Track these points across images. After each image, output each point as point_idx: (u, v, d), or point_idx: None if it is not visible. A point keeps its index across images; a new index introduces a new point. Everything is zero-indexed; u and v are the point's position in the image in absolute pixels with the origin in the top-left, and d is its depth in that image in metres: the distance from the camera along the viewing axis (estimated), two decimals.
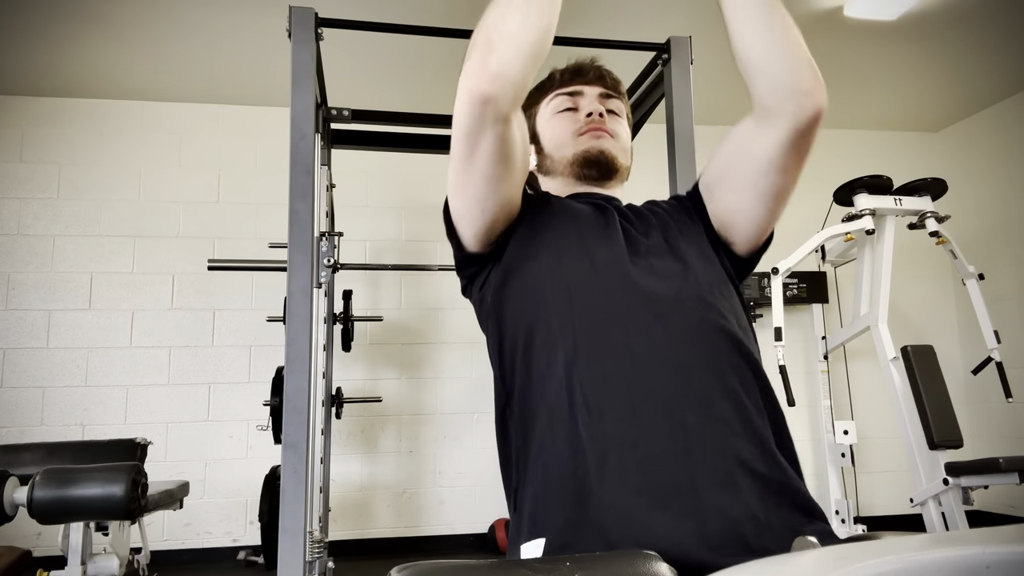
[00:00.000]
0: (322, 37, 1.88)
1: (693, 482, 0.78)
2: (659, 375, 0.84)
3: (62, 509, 1.90)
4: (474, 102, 0.87)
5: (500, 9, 0.89)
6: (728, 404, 0.84)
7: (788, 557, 0.51)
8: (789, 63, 0.91)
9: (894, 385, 3.22)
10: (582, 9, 3.19)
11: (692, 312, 0.90)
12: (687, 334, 0.87)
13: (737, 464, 0.81)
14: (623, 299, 0.90)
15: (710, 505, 0.77)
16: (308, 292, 1.74)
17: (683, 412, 0.82)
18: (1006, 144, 4.39)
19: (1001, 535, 0.47)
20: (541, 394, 0.88)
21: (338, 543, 3.63)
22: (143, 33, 3.36)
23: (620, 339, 0.87)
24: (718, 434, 0.82)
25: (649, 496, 0.78)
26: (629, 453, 0.80)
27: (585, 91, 1.13)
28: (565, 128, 1.12)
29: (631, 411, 0.82)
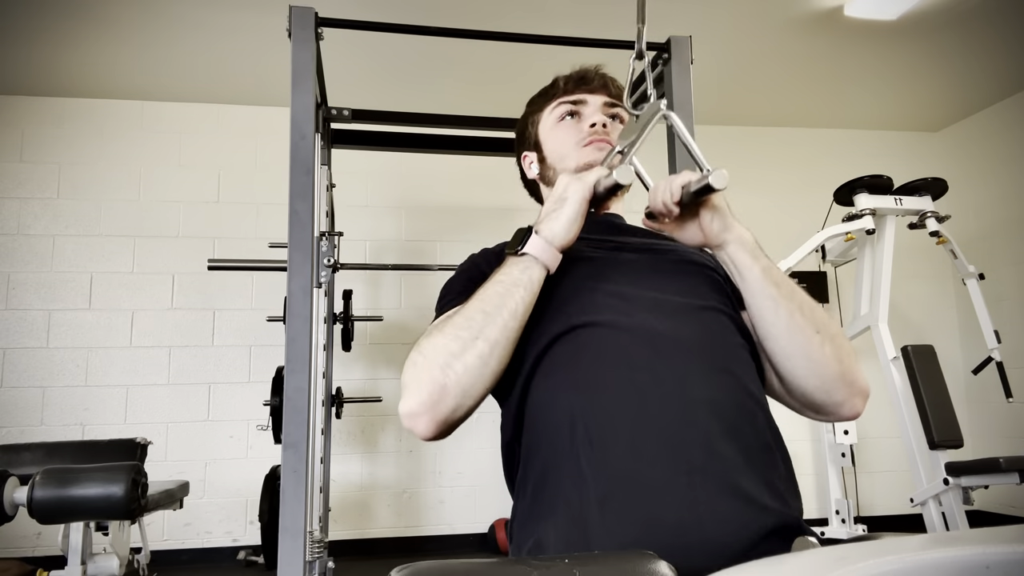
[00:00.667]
0: (322, 37, 1.88)
1: (698, 518, 0.77)
2: (663, 411, 0.83)
3: (62, 509, 1.90)
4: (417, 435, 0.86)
5: (456, 345, 0.84)
6: (732, 441, 0.83)
7: (788, 557, 0.51)
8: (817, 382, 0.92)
9: (894, 385, 3.21)
10: (583, 8, 3.19)
11: (698, 350, 0.88)
12: (692, 372, 0.86)
13: (743, 500, 0.80)
14: (627, 336, 0.88)
15: (714, 541, 0.76)
16: (308, 292, 1.74)
17: (687, 448, 0.81)
18: (1006, 144, 4.39)
19: (1001, 535, 0.47)
20: (543, 427, 0.87)
21: (338, 543, 3.63)
22: (143, 33, 3.36)
23: (624, 374, 0.85)
24: (723, 470, 0.80)
25: (652, 531, 0.77)
26: (633, 490, 0.79)
27: (589, 100, 1.11)
28: (567, 138, 1.11)
29: (634, 446, 0.81)
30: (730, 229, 0.92)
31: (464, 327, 0.85)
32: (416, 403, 0.83)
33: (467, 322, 0.86)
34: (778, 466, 0.86)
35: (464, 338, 0.85)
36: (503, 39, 2.12)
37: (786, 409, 1.02)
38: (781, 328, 0.91)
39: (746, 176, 3.85)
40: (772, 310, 0.91)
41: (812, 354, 0.90)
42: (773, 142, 4.65)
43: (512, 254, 0.90)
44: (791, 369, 0.92)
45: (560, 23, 2.89)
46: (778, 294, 0.91)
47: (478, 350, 0.84)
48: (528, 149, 1.19)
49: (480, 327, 0.85)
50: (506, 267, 0.90)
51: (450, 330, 0.86)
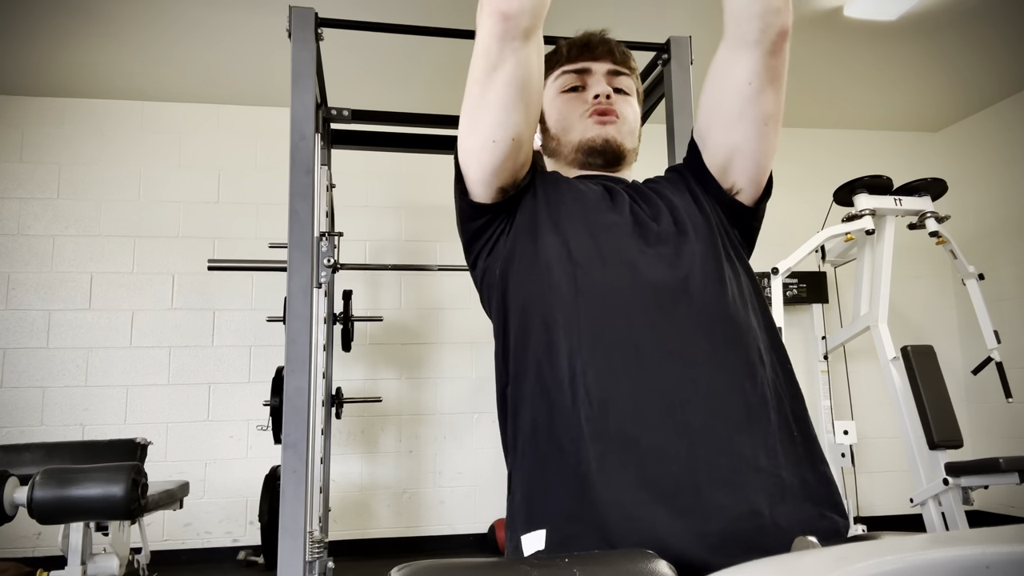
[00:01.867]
0: (322, 37, 1.88)
1: (695, 480, 0.78)
2: (664, 370, 0.83)
3: (62, 509, 1.90)
4: (496, 19, 0.87)
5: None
6: (734, 399, 0.83)
7: (788, 557, 0.51)
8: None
9: (894, 385, 3.21)
10: (582, 9, 3.19)
11: (699, 303, 0.88)
12: (694, 327, 0.86)
13: (740, 461, 0.80)
14: (629, 290, 0.88)
15: (711, 504, 0.77)
16: (308, 292, 1.74)
17: (687, 409, 0.81)
18: (1006, 144, 4.39)
19: (1001, 535, 0.47)
20: (542, 381, 0.87)
21: (338, 543, 3.63)
22: (143, 33, 3.36)
23: (625, 332, 0.86)
24: (722, 431, 0.81)
25: (650, 494, 0.77)
26: (631, 450, 0.80)
27: (593, 68, 1.10)
28: (571, 109, 1.09)
29: (634, 407, 0.82)
30: None
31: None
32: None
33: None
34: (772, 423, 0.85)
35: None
36: None
37: None
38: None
39: None
40: None
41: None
42: None
43: None
44: None
45: (560, 23, 2.88)
46: None
47: None
48: None
49: None
50: None
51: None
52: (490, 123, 0.93)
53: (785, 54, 0.95)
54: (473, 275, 1.06)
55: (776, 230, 3.23)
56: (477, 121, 0.94)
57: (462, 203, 1.00)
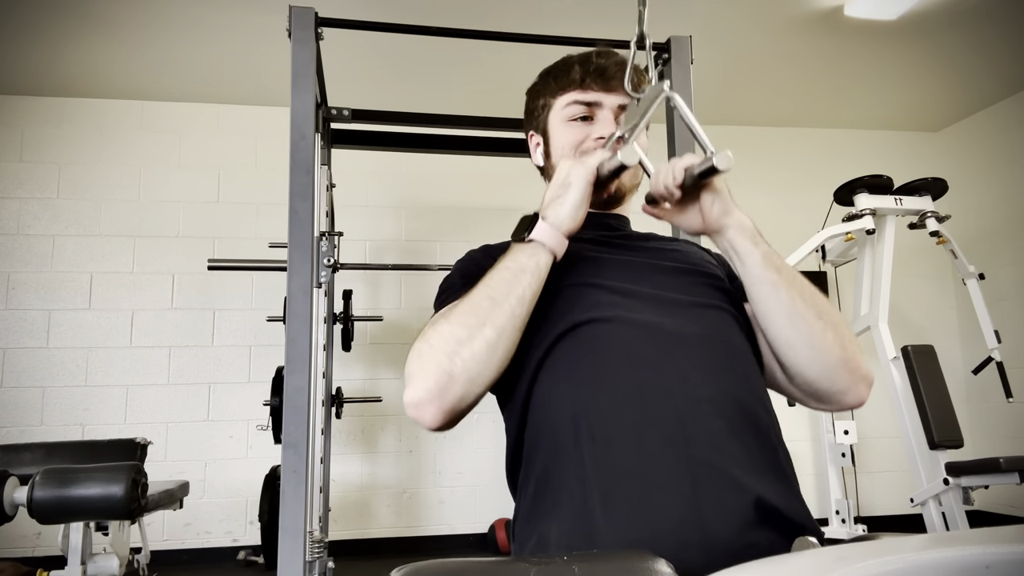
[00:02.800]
0: (322, 37, 1.88)
1: (700, 516, 0.77)
2: (665, 407, 0.82)
3: (62, 509, 1.90)
4: (425, 428, 0.85)
5: (462, 332, 0.83)
6: (735, 439, 0.83)
7: (788, 557, 0.51)
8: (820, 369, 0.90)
9: (894, 385, 3.21)
10: (583, 8, 3.19)
11: (699, 348, 0.88)
12: (693, 369, 0.86)
13: (746, 498, 0.79)
14: (630, 332, 0.88)
15: (715, 537, 0.76)
16: (308, 292, 1.74)
17: (690, 445, 0.80)
18: (1006, 144, 4.39)
19: (1001, 535, 0.47)
20: (547, 423, 0.87)
21: (338, 543, 3.63)
22: (143, 33, 3.36)
23: (626, 371, 0.85)
24: (725, 467, 0.80)
25: (654, 530, 0.76)
26: (635, 487, 0.79)
27: (604, 102, 1.05)
28: (574, 142, 1.07)
29: (637, 444, 0.81)
30: (730, 214, 0.92)
31: (470, 314, 0.84)
32: (423, 392, 0.82)
33: (473, 309, 0.85)
34: (781, 464, 0.85)
35: (471, 325, 0.83)
36: (503, 39, 2.13)
37: (785, 408, 1.02)
38: (783, 315, 0.89)
39: (746, 176, 3.84)
40: (773, 296, 0.90)
41: (814, 341, 0.89)
42: (773, 142, 4.65)
43: (518, 241, 0.90)
44: (793, 358, 0.91)
45: (560, 23, 2.89)
46: (779, 280, 0.90)
47: (485, 337, 0.83)
48: (536, 131, 1.15)
49: (487, 313, 0.84)
50: (512, 254, 0.89)
51: (456, 318, 0.85)
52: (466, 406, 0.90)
53: None
54: None
55: (776, 230, 3.23)
56: None
57: None
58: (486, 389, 0.86)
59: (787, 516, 0.80)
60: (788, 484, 0.85)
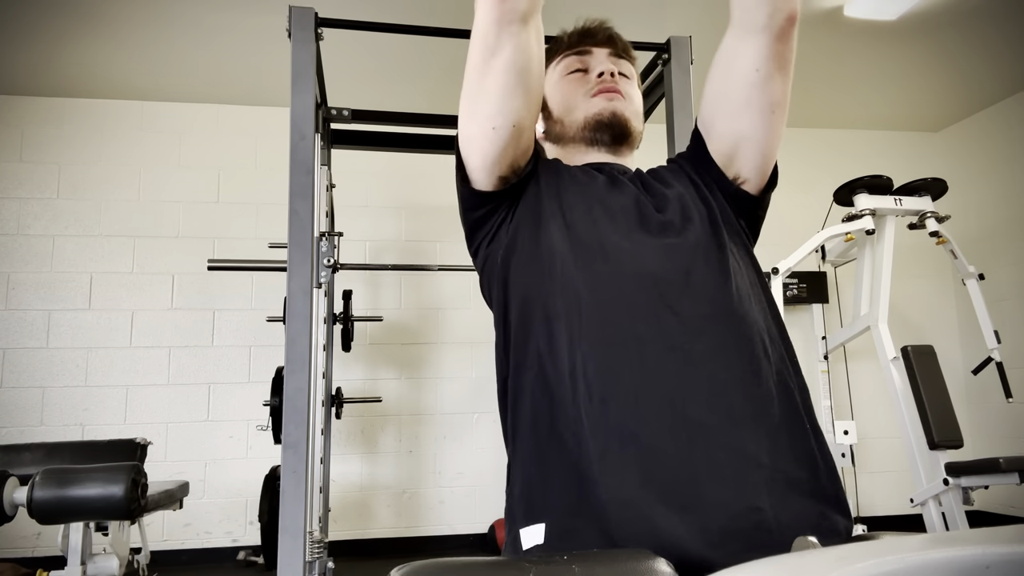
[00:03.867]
0: (322, 37, 1.88)
1: (695, 476, 0.77)
2: (665, 365, 0.82)
3: (62, 509, 1.90)
4: (493, 2, 0.86)
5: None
6: (737, 394, 0.83)
7: (788, 557, 0.51)
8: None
9: (894, 385, 3.21)
10: (581, 8, 3.19)
11: (703, 296, 0.88)
12: (697, 321, 0.85)
13: (742, 457, 0.79)
14: (631, 282, 0.88)
15: (711, 500, 0.76)
16: (308, 292, 1.74)
17: (688, 404, 0.81)
18: (1006, 144, 4.39)
19: (1001, 535, 0.47)
20: (543, 374, 0.87)
21: (338, 543, 3.63)
22: (143, 33, 3.36)
23: (627, 325, 0.85)
24: (723, 427, 0.80)
25: (650, 490, 0.77)
26: (631, 445, 0.79)
27: (595, 51, 1.10)
28: (575, 90, 1.08)
29: (635, 402, 0.81)
30: None
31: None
32: None
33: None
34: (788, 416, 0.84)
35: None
36: None
37: None
38: None
39: None
40: None
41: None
42: None
43: None
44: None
45: (560, 22, 2.89)
46: None
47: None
48: None
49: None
50: None
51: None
52: (490, 110, 0.91)
53: (793, 40, 0.94)
54: (475, 263, 1.05)
55: (776, 230, 3.23)
56: (476, 108, 0.93)
57: (464, 191, 0.99)
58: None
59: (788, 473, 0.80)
60: (791, 437, 0.84)
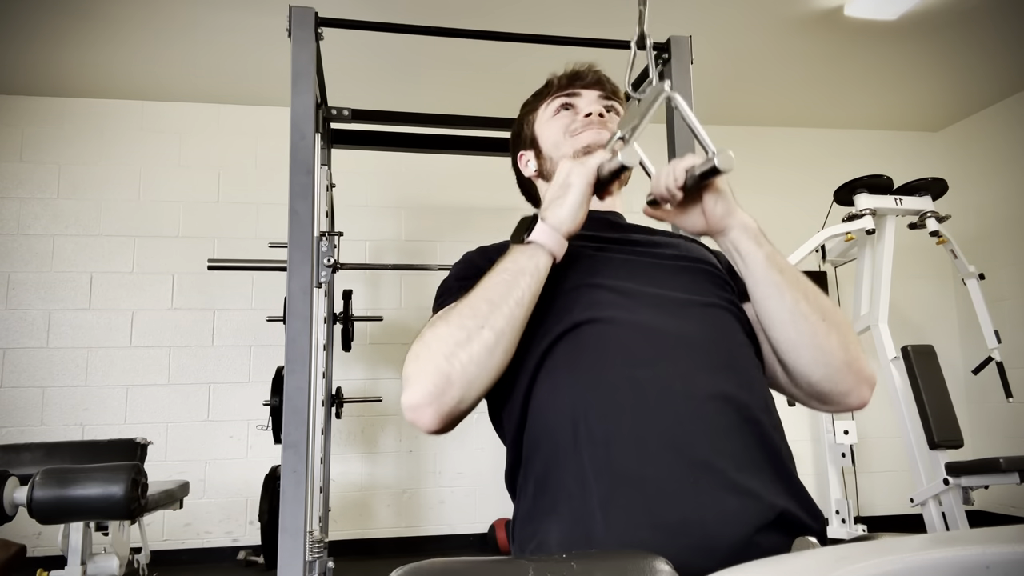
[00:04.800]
0: (322, 37, 1.88)
1: (702, 518, 0.76)
2: (666, 408, 0.82)
3: (62, 509, 1.90)
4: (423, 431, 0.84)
5: (461, 335, 0.82)
6: (737, 439, 0.82)
7: (788, 557, 0.51)
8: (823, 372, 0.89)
9: (894, 385, 3.21)
10: (581, 8, 3.19)
11: (699, 348, 0.88)
12: (695, 367, 0.85)
13: (746, 497, 0.78)
14: (630, 332, 0.87)
15: (717, 539, 0.76)
16: (308, 292, 1.74)
17: (691, 446, 0.80)
18: (1006, 144, 4.39)
19: (1001, 535, 0.47)
20: (547, 424, 0.86)
21: (338, 543, 3.63)
22: (143, 33, 3.36)
23: (627, 372, 0.84)
24: (727, 468, 0.79)
25: (657, 532, 0.76)
26: (636, 489, 0.78)
27: (583, 93, 1.12)
28: (563, 127, 1.10)
29: (637, 445, 0.80)
30: (733, 214, 0.91)
31: (469, 316, 0.83)
32: (420, 394, 0.81)
33: (472, 311, 0.84)
34: (783, 464, 0.85)
35: (469, 327, 0.82)
36: (503, 39, 2.12)
37: (785, 408, 1.01)
38: (786, 316, 0.89)
39: (746, 176, 3.84)
40: (777, 298, 0.89)
41: (818, 343, 0.88)
42: (773, 142, 4.65)
43: (518, 243, 0.89)
44: (796, 359, 0.90)
45: (560, 23, 2.89)
46: (782, 281, 0.89)
47: (484, 339, 0.82)
48: (524, 148, 1.18)
49: (486, 316, 0.83)
50: (511, 255, 0.88)
51: (455, 319, 0.84)
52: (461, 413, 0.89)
53: None
54: None
55: (776, 230, 3.22)
56: None
57: None
58: (483, 393, 0.85)
59: (789, 516, 0.80)
60: (790, 483, 0.84)
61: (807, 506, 0.83)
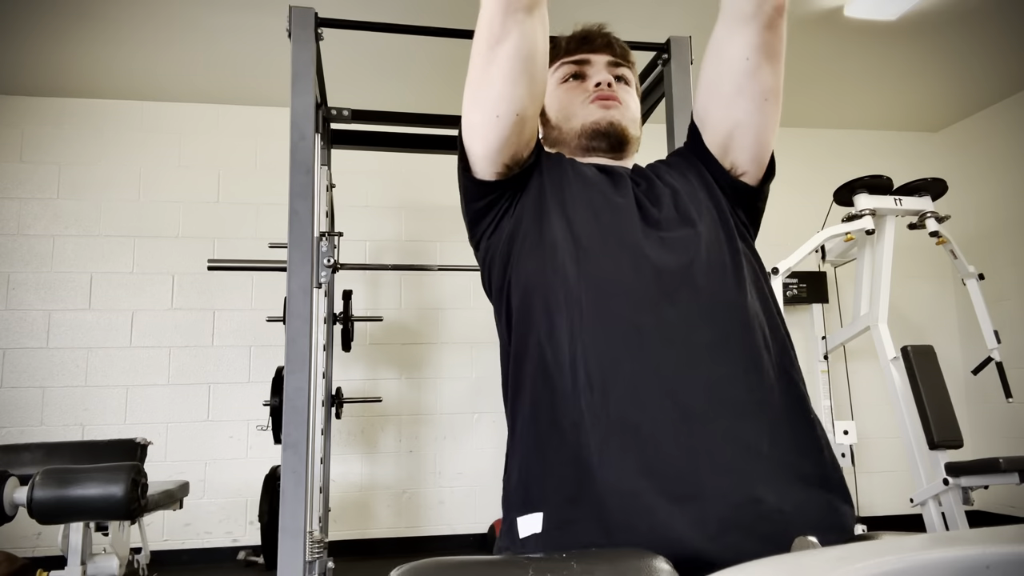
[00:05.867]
0: (322, 37, 1.88)
1: (695, 467, 0.77)
2: (665, 355, 0.82)
3: (62, 509, 1.90)
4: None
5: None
6: (737, 385, 0.82)
7: (787, 557, 0.51)
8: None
9: (894, 385, 3.21)
10: (581, 8, 3.19)
11: (704, 288, 0.87)
12: (697, 313, 0.85)
13: (742, 448, 0.79)
14: (632, 275, 0.88)
15: (712, 491, 0.76)
16: (308, 292, 1.74)
17: (688, 394, 0.80)
18: (1006, 144, 4.39)
19: (1001, 535, 0.47)
20: (543, 364, 0.87)
21: (338, 543, 3.63)
22: (143, 33, 3.36)
23: (627, 316, 0.85)
24: (724, 417, 0.80)
25: (650, 480, 0.76)
26: (631, 436, 0.79)
27: (593, 59, 1.10)
28: (572, 98, 1.09)
29: (635, 392, 0.81)
30: None
31: None
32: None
33: None
34: (787, 406, 0.84)
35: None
36: None
37: None
38: None
39: None
40: None
41: None
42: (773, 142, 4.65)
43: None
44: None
45: (560, 22, 2.89)
46: None
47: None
48: None
49: None
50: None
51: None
52: (493, 98, 0.92)
53: (782, 30, 0.94)
54: (476, 256, 1.05)
55: (776, 230, 3.23)
56: (480, 95, 0.93)
57: (466, 181, 0.99)
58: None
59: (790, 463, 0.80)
60: (792, 429, 0.83)
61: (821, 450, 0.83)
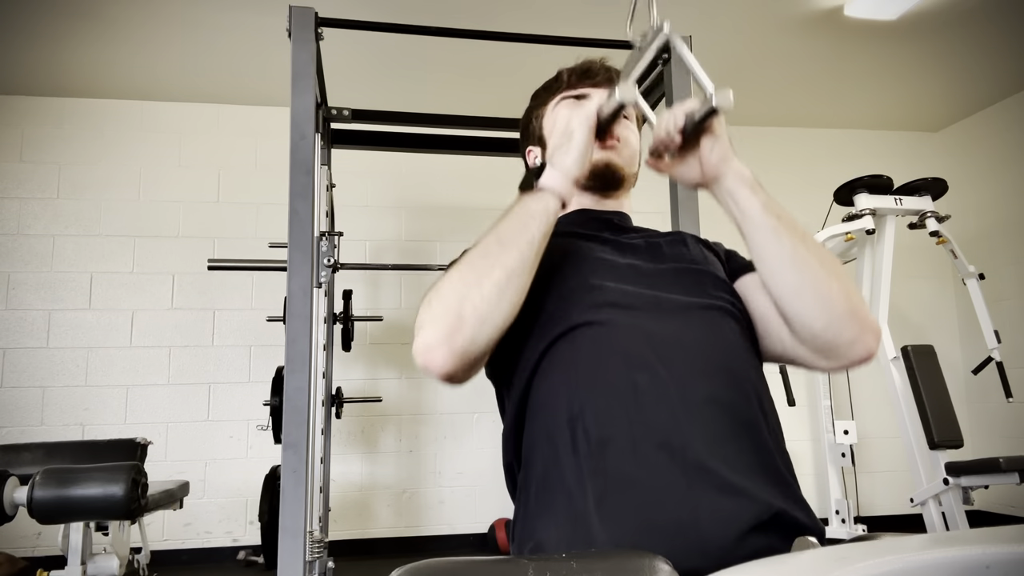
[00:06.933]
0: (322, 37, 1.88)
1: (696, 519, 0.76)
2: (662, 411, 0.82)
3: (62, 509, 1.90)
4: (435, 377, 0.84)
5: (472, 275, 0.83)
6: (733, 442, 0.82)
7: (788, 557, 0.51)
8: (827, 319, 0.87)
9: (894, 385, 3.21)
10: (582, 8, 3.19)
11: (695, 351, 0.87)
12: (690, 373, 0.85)
13: (743, 498, 0.78)
14: (628, 335, 0.87)
15: (714, 546, 0.75)
16: (308, 292, 1.74)
17: (686, 449, 0.80)
18: (1006, 144, 4.39)
19: (1001, 535, 0.47)
20: (545, 425, 0.87)
21: (338, 543, 3.63)
22: (143, 33, 3.36)
23: (624, 374, 0.84)
24: (721, 470, 0.79)
25: (650, 536, 0.76)
26: (629, 491, 0.78)
27: (593, 95, 1.09)
28: None
29: (633, 447, 0.80)
30: (728, 161, 0.91)
31: (480, 257, 0.84)
32: (432, 335, 0.81)
33: (483, 252, 0.85)
34: (779, 467, 0.84)
35: (480, 267, 0.83)
36: (502, 39, 2.12)
37: (785, 409, 1.01)
38: (786, 261, 0.88)
39: None
40: (775, 243, 0.88)
41: (819, 288, 0.87)
42: (773, 142, 4.65)
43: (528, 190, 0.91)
44: (799, 307, 0.88)
45: (560, 22, 2.89)
46: (780, 226, 0.88)
47: (495, 278, 0.82)
48: (532, 144, 1.17)
49: (497, 256, 0.84)
50: (521, 202, 0.89)
51: (465, 263, 0.85)
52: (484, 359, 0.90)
53: None
54: None
55: None
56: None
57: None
58: (496, 334, 0.84)
59: (785, 518, 0.80)
60: (786, 486, 0.84)
61: (803, 507, 0.83)
